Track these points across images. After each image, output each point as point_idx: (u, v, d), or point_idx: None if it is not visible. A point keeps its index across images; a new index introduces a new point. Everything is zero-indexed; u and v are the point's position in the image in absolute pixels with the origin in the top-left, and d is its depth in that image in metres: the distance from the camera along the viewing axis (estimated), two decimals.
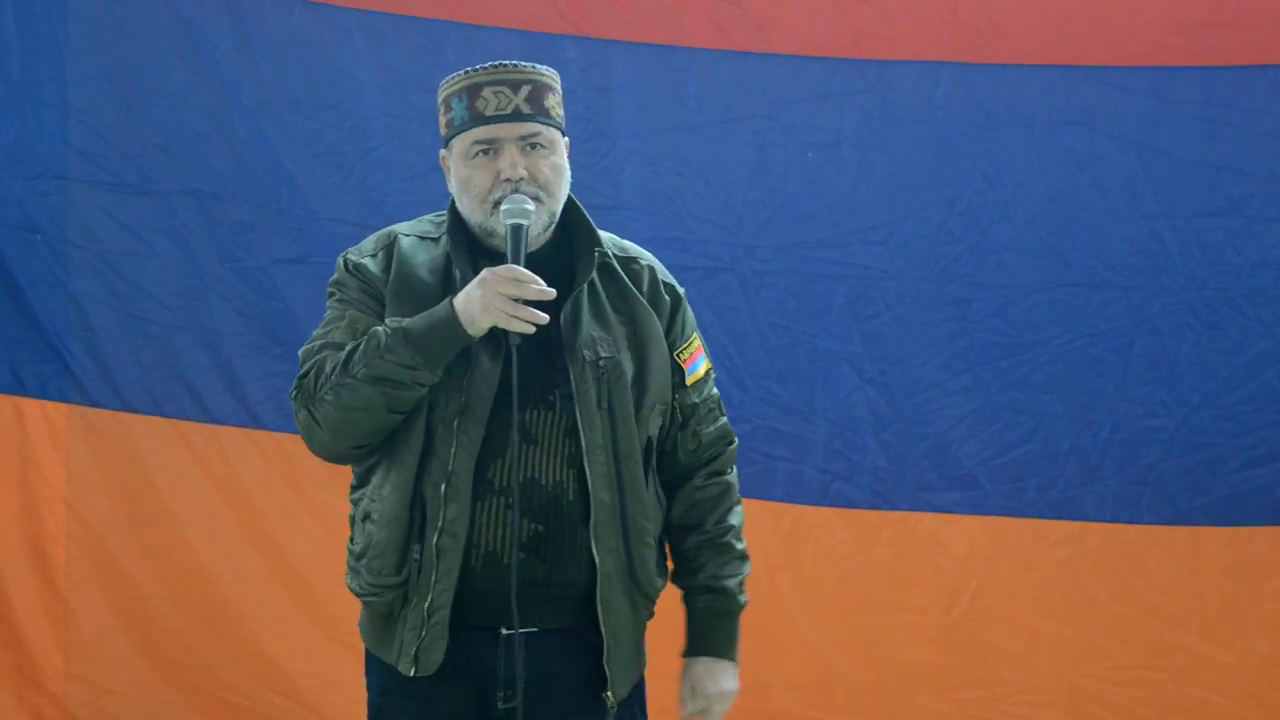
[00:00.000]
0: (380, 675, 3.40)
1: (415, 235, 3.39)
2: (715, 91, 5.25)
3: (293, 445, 5.32)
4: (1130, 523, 5.22)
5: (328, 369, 3.26)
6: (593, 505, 3.30)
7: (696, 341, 3.50)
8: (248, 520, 5.40)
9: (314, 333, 3.36)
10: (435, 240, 3.38)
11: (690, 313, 3.51)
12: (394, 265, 3.34)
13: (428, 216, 3.46)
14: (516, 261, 3.23)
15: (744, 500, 4.97)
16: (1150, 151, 5.15)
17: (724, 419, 3.53)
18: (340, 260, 3.40)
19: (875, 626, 5.32)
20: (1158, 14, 5.10)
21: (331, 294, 3.39)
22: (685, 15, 5.22)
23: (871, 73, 5.20)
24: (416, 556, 3.27)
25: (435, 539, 3.26)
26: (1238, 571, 5.21)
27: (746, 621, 5.30)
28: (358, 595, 3.39)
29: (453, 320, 3.21)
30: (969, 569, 5.28)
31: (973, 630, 5.28)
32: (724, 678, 3.48)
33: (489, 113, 3.29)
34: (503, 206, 3.26)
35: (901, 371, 5.24)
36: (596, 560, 3.31)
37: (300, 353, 3.35)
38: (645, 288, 3.44)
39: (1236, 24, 5.06)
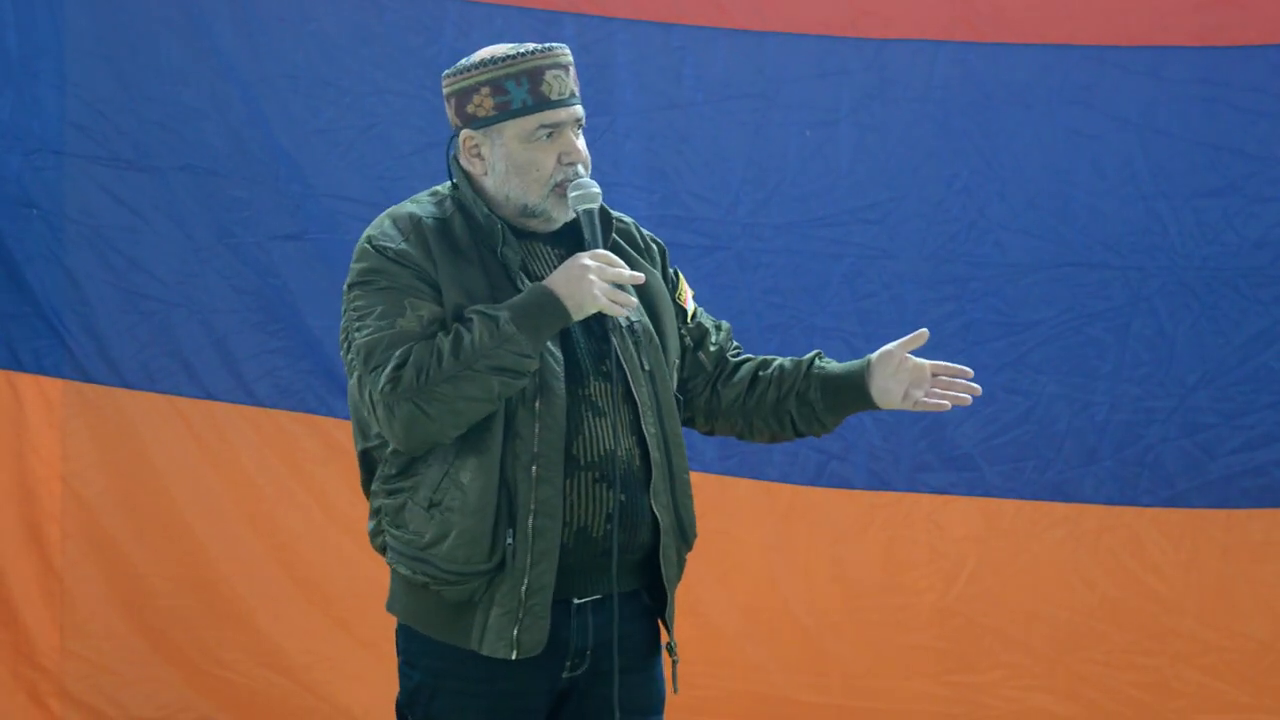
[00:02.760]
0: (434, 657, 3.37)
1: (432, 217, 3.38)
2: (713, 69, 5.24)
3: (288, 422, 5.33)
4: (1127, 504, 5.21)
5: (430, 361, 3.23)
6: (652, 466, 3.37)
7: (681, 278, 3.61)
8: (244, 497, 5.40)
9: (363, 323, 3.31)
10: (446, 220, 3.38)
11: None
12: (433, 248, 3.34)
13: (423, 196, 3.45)
14: (597, 245, 3.31)
15: (739, 479, 4.99)
16: (1149, 131, 5.14)
17: (718, 320, 3.64)
18: (369, 248, 3.35)
19: (871, 608, 5.31)
20: None
21: (369, 282, 3.33)
22: None
23: (870, 51, 5.19)
24: (510, 540, 3.27)
25: (530, 520, 3.27)
26: (1235, 554, 5.19)
27: (740, 601, 5.33)
28: (425, 585, 3.33)
29: (559, 307, 3.26)
30: (965, 551, 5.27)
31: (969, 613, 5.27)
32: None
33: (554, 96, 3.34)
34: (573, 193, 3.32)
35: None
36: (659, 519, 3.37)
37: (362, 345, 3.29)
38: (639, 245, 3.52)
39: (1235, 3, 5.04)
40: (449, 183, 3.43)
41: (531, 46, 3.36)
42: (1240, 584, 5.20)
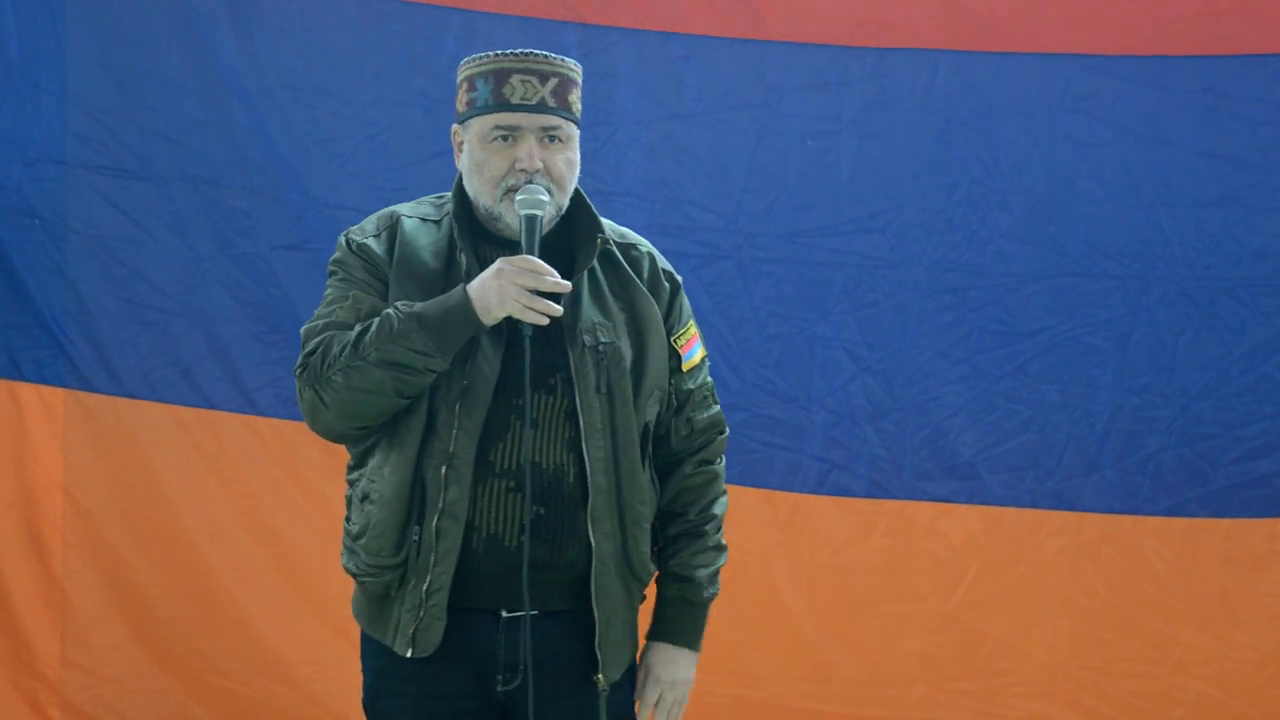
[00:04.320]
0: (376, 657, 3.41)
1: (417, 217, 3.41)
2: (714, 79, 5.25)
3: (291, 431, 5.33)
4: (1128, 514, 5.21)
5: (335, 350, 3.27)
6: (590, 489, 3.32)
7: (693, 328, 3.54)
8: (245, 507, 5.40)
9: (316, 311, 3.38)
10: (437, 223, 3.41)
11: (686, 300, 3.54)
12: (397, 247, 3.36)
13: (428, 198, 3.48)
14: (530, 252, 3.26)
15: (741, 488, 4.96)
16: (1149, 140, 5.15)
17: (717, 408, 3.56)
18: (342, 239, 3.41)
19: (872, 616, 5.31)
20: (1157, 2, 5.10)
21: (333, 273, 3.40)
22: (685, 2, 5.22)
23: (870, 60, 5.20)
24: (415, 538, 3.29)
25: (435, 520, 3.28)
26: (1236, 564, 5.20)
27: (742, 610, 5.32)
28: (354, 575, 3.41)
29: (467, 309, 3.23)
30: (966, 559, 5.27)
31: (970, 621, 5.28)
32: (681, 665, 3.51)
33: (514, 100, 3.32)
34: (518, 196, 3.29)
35: (899, 360, 5.24)
36: (593, 543, 3.33)
37: (302, 331, 3.37)
38: (645, 274, 3.47)
39: (1236, 12, 5.05)
40: None
41: (514, 50, 3.36)
42: (1241, 594, 5.20)
